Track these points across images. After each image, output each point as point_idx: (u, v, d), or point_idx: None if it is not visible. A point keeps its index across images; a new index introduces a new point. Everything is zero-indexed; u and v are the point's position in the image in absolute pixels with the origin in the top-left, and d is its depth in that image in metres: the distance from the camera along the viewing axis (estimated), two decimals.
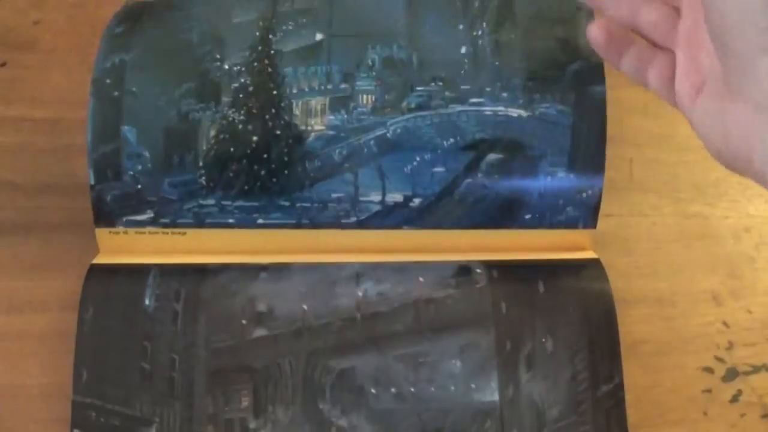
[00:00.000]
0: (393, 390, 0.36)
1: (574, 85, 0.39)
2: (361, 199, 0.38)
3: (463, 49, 0.39)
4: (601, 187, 0.39)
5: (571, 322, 0.38)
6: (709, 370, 0.40)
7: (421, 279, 0.38)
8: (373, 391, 0.36)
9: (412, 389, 0.36)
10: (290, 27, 0.40)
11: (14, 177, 0.43)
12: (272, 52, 0.39)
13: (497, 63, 0.39)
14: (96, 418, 0.35)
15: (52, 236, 0.41)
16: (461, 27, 0.40)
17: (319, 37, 0.39)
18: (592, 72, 0.39)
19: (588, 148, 0.39)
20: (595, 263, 0.40)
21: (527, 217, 0.39)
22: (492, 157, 0.39)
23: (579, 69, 0.39)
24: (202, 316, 0.37)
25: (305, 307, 0.37)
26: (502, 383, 0.36)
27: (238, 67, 0.39)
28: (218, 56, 0.39)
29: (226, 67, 0.39)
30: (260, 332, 0.37)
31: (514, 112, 0.39)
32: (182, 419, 0.35)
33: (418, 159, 0.39)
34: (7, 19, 0.49)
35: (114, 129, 0.38)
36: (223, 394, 0.36)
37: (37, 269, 0.40)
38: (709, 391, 0.39)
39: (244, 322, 0.37)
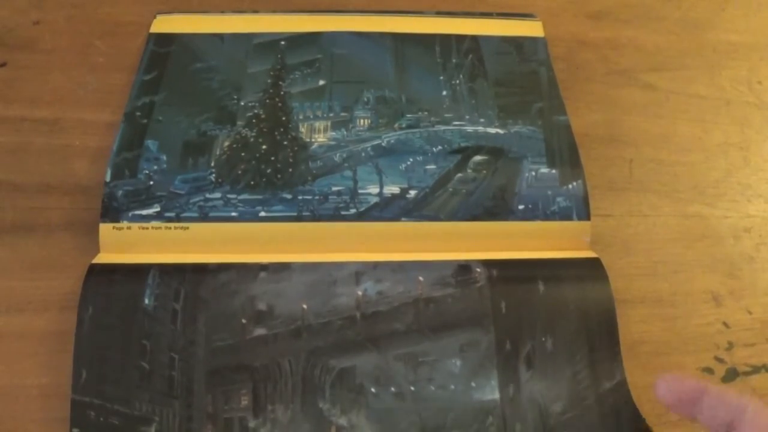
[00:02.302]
0: (393, 389, 0.36)
1: (539, 117, 0.46)
2: (360, 191, 0.41)
3: (444, 92, 0.47)
4: (584, 179, 0.43)
5: (571, 321, 0.38)
6: (709, 370, 0.40)
7: (420, 278, 0.38)
8: (372, 390, 0.36)
9: (412, 388, 0.36)
10: (297, 75, 0.47)
11: (14, 177, 0.43)
12: (282, 93, 0.46)
13: (473, 102, 0.47)
14: (95, 417, 0.35)
15: (52, 236, 0.41)
16: (441, 78, 0.48)
17: (322, 82, 0.46)
18: (554, 108, 0.46)
19: (562, 151, 0.44)
20: (594, 263, 0.40)
21: (521, 207, 0.41)
22: (478, 158, 0.44)
23: (542, 106, 0.46)
24: (202, 315, 0.37)
25: (305, 306, 0.37)
26: (502, 382, 0.36)
27: (253, 103, 0.45)
28: (236, 97, 0.45)
29: (242, 103, 0.45)
30: (260, 331, 0.37)
31: (492, 130, 0.45)
32: (181, 418, 0.35)
33: (411, 160, 0.43)
34: (7, 19, 0.49)
35: (138, 142, 0.43)
36: (223, 393, 0.36)
37: (37, 269, 0.40)
38: None
39: (243, 321, 0.37)
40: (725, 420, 0.27)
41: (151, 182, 0.41)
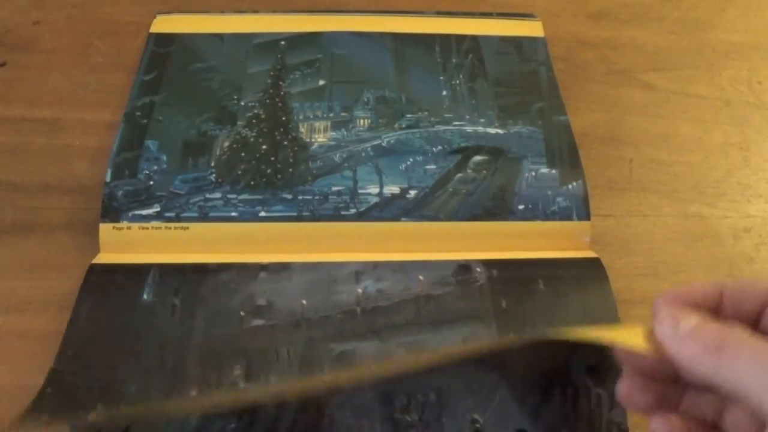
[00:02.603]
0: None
1: (539, 117, 0.46)
2: (360, 191, 0.41)
3: (444, 92, 0.47)
4: (584, 179, 0.43)
5: (572, 321, 0.37)
6: None
7: (420, 278, 0.38)
8: (373, 367, 0.35)
9: None
10: (297, 75, 0.47)
11: (14, 177, 0.43)
12: (282, 93, 0.46)
13: (473, 102, 0.47)
14: (72, 380, 0.33)
15: (52, 236, 0.41)
16: (441, 78, 0.48)
17: (322, 83, 0.47)
18: (554, 108, 0.46)
19: (562, 151, 0.44)
20: (594, 263, 0.40)
21: (521, 207, 0.41)
22: (478, 158, 0.44)
23: (542, 106, 0.46)
24: (200, 311, 0.37)
25: (304, 302, 0.37)
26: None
27: (253, 103, 0.45)
28: (236, 97, 0.45)
29: (242, 103, 0.45)
30: (258, 322, 0.36)
31: (492, 130, 0.45)
32: (167, 383, 0.34)
33: (411, 160, 0.43)
34: (7, 19, 0.50)
35: (138, 142, 0.43)
36: (215, 367, 0.34)
37: (37, 269, 0.40)
38: None
39: (242, 314, 0.37)
40: (753, 311, 0.24)
41: (151, 182, 0.41)
